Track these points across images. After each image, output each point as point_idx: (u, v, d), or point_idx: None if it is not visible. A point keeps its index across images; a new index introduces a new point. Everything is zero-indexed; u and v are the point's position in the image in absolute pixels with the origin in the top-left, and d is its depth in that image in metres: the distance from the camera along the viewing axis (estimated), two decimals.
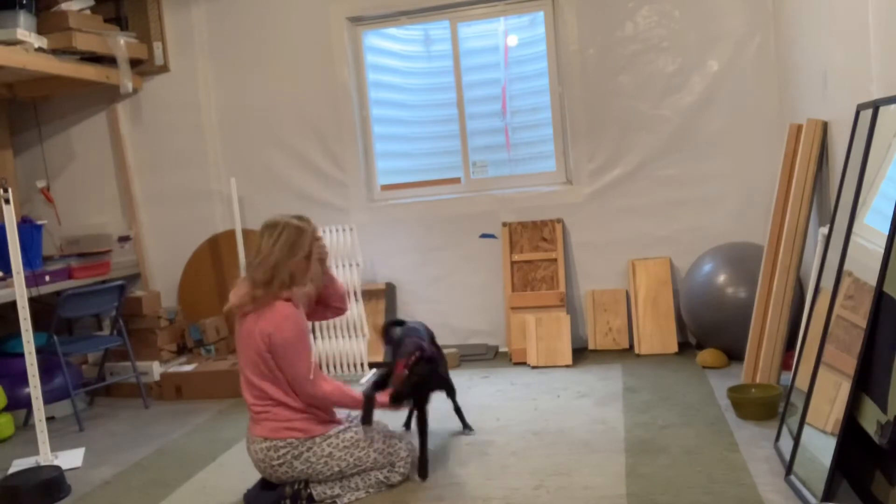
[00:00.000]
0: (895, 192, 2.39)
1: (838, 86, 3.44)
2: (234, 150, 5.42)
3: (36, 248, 4.81)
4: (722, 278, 4.35)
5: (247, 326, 2.92)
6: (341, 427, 2.99)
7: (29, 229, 4.74)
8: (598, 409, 3.80)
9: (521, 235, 5.08)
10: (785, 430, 3.04)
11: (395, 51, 5.38)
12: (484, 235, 5.16)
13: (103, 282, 4.94)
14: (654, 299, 4.80)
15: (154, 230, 5.58)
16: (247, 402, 2.98)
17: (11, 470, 3.60)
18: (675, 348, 4.69)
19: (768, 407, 3.43)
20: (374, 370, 4.89)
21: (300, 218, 3.05)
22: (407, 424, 3.66)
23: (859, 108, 2.98)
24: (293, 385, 2.90)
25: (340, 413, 3.13)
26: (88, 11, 5.00)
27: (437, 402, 3.41)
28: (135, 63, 5.33)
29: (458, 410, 3.64)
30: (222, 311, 3.09)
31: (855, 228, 2.69)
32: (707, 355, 4.37)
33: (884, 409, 2.21)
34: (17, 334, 3.76)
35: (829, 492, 2.40)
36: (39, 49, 4.60)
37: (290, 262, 2.93)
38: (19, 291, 3.57)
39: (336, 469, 2.93)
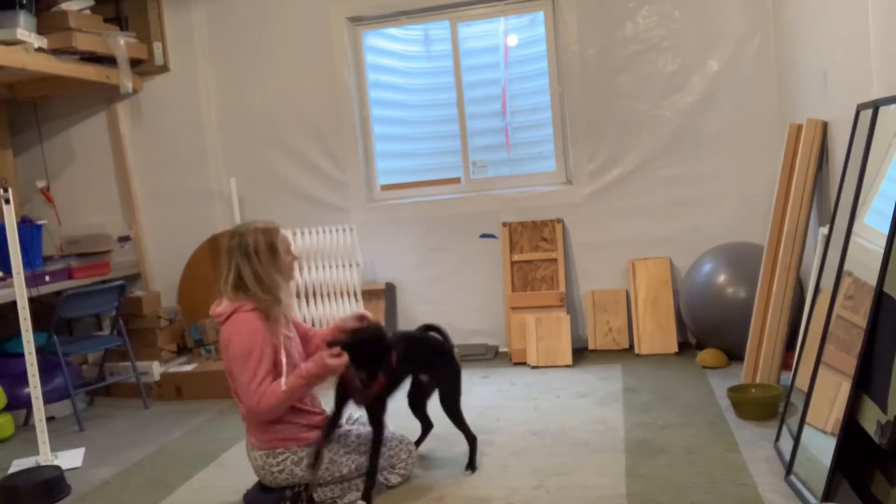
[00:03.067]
0: (895, 192, 2.39)
1: (838, 86, 3.44)
2: (234, 150, 5.42)
3: (36, 248, 4.81)
4: (722, 278, 4.35)
5: (221, 335, 2.90)
6: (339, 431, 2.97)
7: (29, 229, 4.74)
8: (598, 409, 3.80)
9: (521, 235, 5.08)
10: (785, 430, 3.04)
11: (395, 51, 5.38)
12: (484, 235, 5.16)
13: (103, 282, 4.94)
14: (654, 299, 4.80)
15: (154, 230, 5.58)
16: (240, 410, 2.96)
17: (11, 470, 3.60)
18: (675, 348, 4.69)
19: (768, 407, 3.43)
20: None
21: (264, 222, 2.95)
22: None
23: (859, 108, 2.98)
24: (239, 396, 2.80)
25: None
26: (88, 11, 5.00)
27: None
28: (135, 63, 5.33)
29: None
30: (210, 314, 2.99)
31: (855, 228, 2.69)
32: (707, 355, 4.37)
33: (884, 409, 2.21)
34: (17, 334, 3.76)
35: (829, 492, 2.40)
36: (39, 49, 4.60)
37: (270, 263, 2.84)
38: (19, 291, 3.57)
39: (337, 474, 2.92)
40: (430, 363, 3.20)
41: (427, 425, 3.45)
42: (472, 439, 3.22)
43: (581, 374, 4.46)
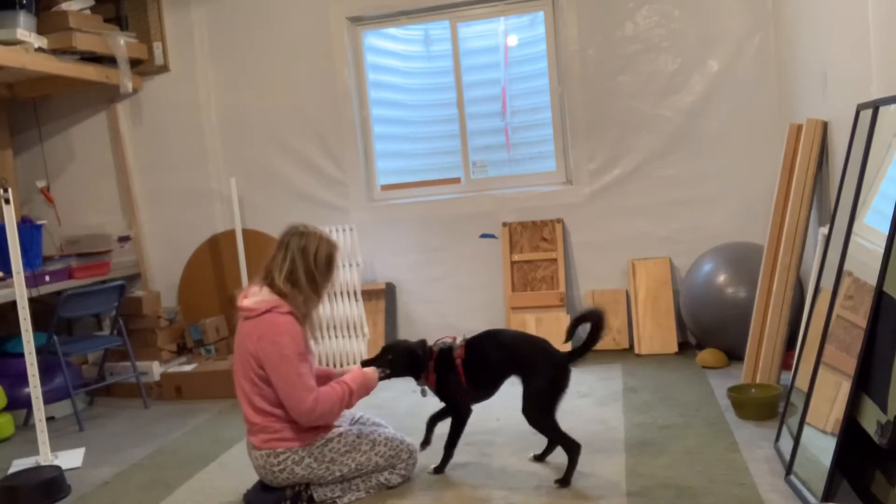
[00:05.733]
0: (895, 192, 2.39)
1: (838, 86, 3.44)
2: (234, 150, 5.42)
3: (36, 248, 4.81)
4: (722, 278, 4.35)
5: (244, 331, 2.86)
6: (340, 430, 2.97)
7: (29, 229, 4.74)
8: (598, 409, 3.80)
9: (521, 235, 5.08)
10: (785, 430, 3.04)
11: (395, 51, 5.38)
12: (484, 235, 5.16)
13: (103, 282, 4.94)
14: (654, 299, 4.80)
15: (154, 230, 5.58)
16: (242, 410, 2.94)
17: (11, 470, 3.60)
18: (675, 348, 4.69)
19: (768, 407, 3.43)
20: None
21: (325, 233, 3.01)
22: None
23: (859, 108, 2.98)
24: (285, 402, 2.79)
25: (342, 416, 3.13)
26: (88, 11, 5.00)
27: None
28: (135, 63, 5.33)
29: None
30: (236, 304, 2.95)
31: (855, 228, 2.69)
32: (707, 355, 4.37)
33: (884, 409, 2.21)
34: (17, 334, 3.77)
35: (829, 492, 2.40)
36: (39, 49, 4.60)
37: (325, 274, 2.90)
38: (19, 291, 3.57)
39: (338, 474, 2.92)
40: (524, 363, 3.01)
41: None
42: (571, 448, 2.91)
43: (581, 374, 4.45)
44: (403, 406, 4.11)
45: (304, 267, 2.84)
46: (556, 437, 2.97)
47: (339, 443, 2.93)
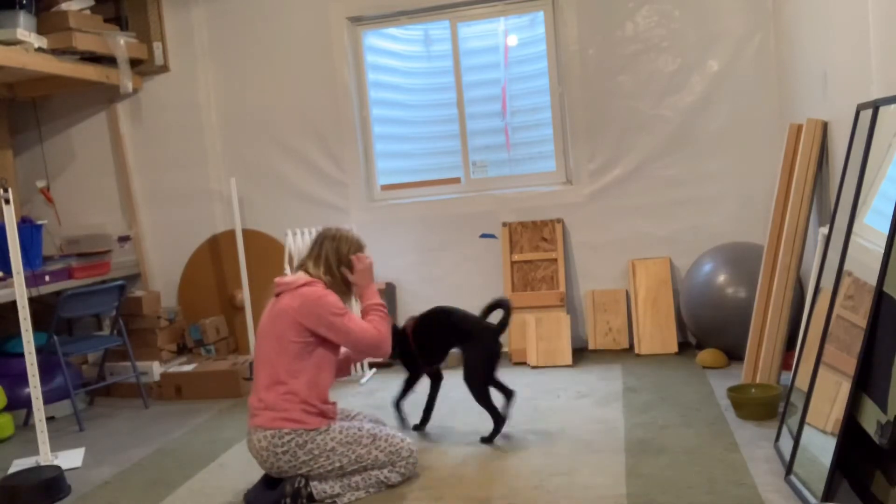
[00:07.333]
0: (895, 192, 2.39)
1: (838, 86, 3.44)
2: (234, 150, 5.42)
3: (36, 248, 4.81)
4: (722, 278, 4.35)
5: (281, 303, 2.99)
6: (343, 423, 3.01)
7: (29, 229, 4.74)
8: (598, 409, 3.80)
9: (521, 235, 5.08)
10: (785, 430, 3.04)
11: (395, 51, 5.39)
12: (484, 235, 5.16)
13: (103, 282, 4.94)
14: (654, 299, 4.80)
15: (154, 230, 5.58)
16: (253, 390, 2.99)
17: (11, 470, 3.60)
18: (675, 348, 4.69)
19: (768, 407, 3.43)
20: (373, 370, 4.92)
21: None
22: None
23: (859, 108, 2.98)
24: (355, 346, 3.03)
25: (340, 413, 3.15)
26: (88, 11, 5.00)
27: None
28: (135, 63, 5.33)
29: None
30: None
31: (855, 228, 2.69)
32: (707, 355, 4.37)
33: (884, 409, 2.21)
34: (17, 334, 3.77)
35: (829, 492, 2.40)
36: (39, 49, 4.60)
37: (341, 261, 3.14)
38: (19, 291, 3.57)
39: (338, 465, 2.93)
40: (462, 337, 3.53)
41: (506, 393, 3.54)
42: (497, 420, 3.44)
43: (581, 374, 4.46)
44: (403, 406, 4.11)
45: (336, 262, 3.12)
46: (487, 406, 3.43)
47: (341, 433, 2.95)
